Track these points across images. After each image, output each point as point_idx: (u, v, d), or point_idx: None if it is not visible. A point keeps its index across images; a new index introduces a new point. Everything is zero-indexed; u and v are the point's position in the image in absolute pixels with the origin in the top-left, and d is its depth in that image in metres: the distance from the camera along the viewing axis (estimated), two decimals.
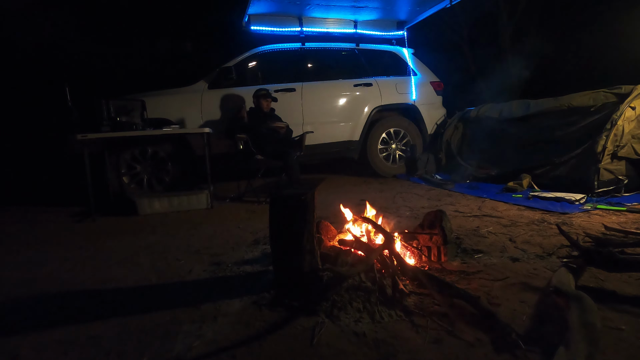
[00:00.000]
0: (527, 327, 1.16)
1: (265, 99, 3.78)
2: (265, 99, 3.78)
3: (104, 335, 1.27)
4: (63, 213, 3.47)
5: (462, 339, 1.12)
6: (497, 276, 1.55)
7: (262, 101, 3.77)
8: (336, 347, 1.12)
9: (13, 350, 1.21)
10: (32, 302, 1.58)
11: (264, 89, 3.84)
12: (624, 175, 2.96)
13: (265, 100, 3.78)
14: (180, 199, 3.34)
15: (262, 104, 3.78)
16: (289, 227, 1.42)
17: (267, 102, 3.81)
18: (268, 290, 1.50)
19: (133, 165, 3.70)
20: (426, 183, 4.20)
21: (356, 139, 4.62)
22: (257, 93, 3.79)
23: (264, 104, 3.78)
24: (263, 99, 3.77)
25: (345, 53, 4.83)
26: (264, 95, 3.77)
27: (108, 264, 2.01)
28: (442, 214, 1.78)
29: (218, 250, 2.14)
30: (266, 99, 3.79)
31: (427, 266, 1.66)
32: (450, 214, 2.54)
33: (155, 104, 3.82)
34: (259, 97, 3.77)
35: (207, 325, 1.29)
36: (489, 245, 1.98)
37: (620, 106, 2.99)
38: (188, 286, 1.67)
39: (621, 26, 6.11)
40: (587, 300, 1.12)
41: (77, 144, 3.07)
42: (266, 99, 3.79)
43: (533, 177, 3.46)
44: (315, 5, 4.38)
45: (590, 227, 2.18)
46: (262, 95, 3.77)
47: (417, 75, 4.98)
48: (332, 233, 1.91)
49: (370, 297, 1.34)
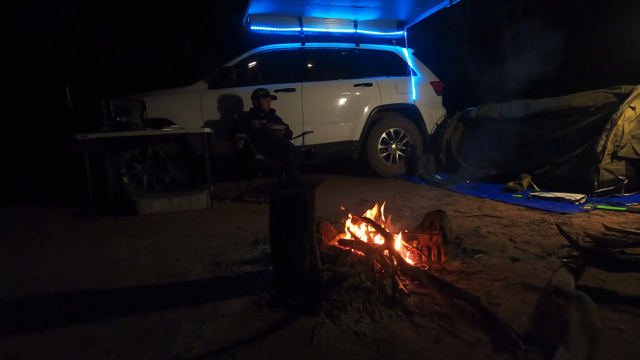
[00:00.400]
0: (527, 327, 1.16)
1: (264, 99, 3.78)
2: (265, 98, 3.78)
3: (104, 335, 1.27)
4: (63, 213, 3.47)
5: (462, 339, 1.12)
6: (497, 276, 1.55)
7: (262, 101, 3.77)
8: (336, 347, 1.12)
9: (13, 351, 1.21)
10: (32, 302, 1.58)
11: (262, 89, 3.84)
12: (624, 175, 2.96)
13: (264, 100, 3.78)
14: (180, 199, 3.34)
15: (262, 103, 3.77)
16: (289, 227, 1.42)
17: (267, 102, 3.80)
18: (268, 290, 1.50)
19: (133, 165, 3.70)
20: (426, 183, 4.20)
21: (356, 139, 4.62)
22: (256, 94, 3.79)
23: (264, 104, 3.78)
24: (262, 98, 3.77)
25: (345, 53, 4.84)
26: (263, 95, 3.77)
27: (108, 264, 2.01)
28: (442, 214, 1.78)
29: (218, 250, 2.14)
30: (265, 98, 3.79)
31: (427, 266, 1.66)
32: (450, 214, 2.54)
33: (155, 104, 3.82)
34: (259, 97, 3.77)
35: (207, 325, 1.29)
36: (489, 245, 1.98)
37: (620, 106, 2.99)
38: (188, 286, 1.67)
39: (621, 26, 6.12)
40: (587, 300, 1.12)
41: (77, 143, 3.07)
42: (265, 98, 3.79)
43: (533, 177, 3.46)
44: (315, 5, 4.39)
45: (590, 227, 2.18)
46: (261, 95, 3.77)
47: (417, 75, 4.98)
48: (332, 233, 1.91)
49: (370, 297, 1.33)
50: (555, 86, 4.86)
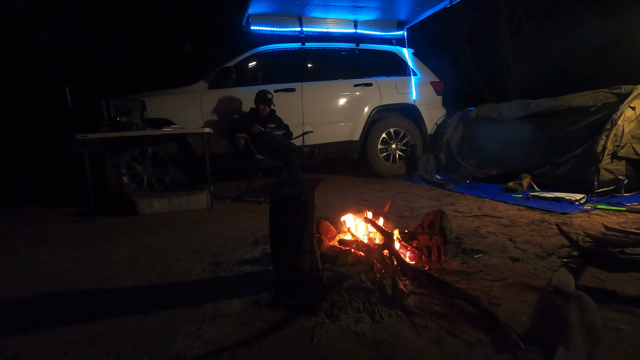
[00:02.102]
0: (527, 327, 1.16)
1: (262, 104, 3.75)
2: (263, 104, 3.76)
3: (104, 335, 1.27)
4: (63, 213, 3.46)
5: (462, 339, 1.12)
6: (497, 276, 1.55)
7: (259, 105, 3.76)
8: (336, 347, 1.12)
9: (13, 350, 1.21)
10: (32, 302, 1.58)
11: (266, 92, 3.79)
12: (624, 175, 2.96)
13: (262, 105, 3.76)
14: (180, 199, 3.34)
15: (259, 108, 3.77)
16: (289, 227, 1.42)
17: (264, 108, 3.78)
18: (268, 290, 1.49)
19: (133, 165, 3.70)
20: (426, 183, 4.20)
21: (356, 139, 4.62)
22: (259, 95, 3.77)
23: (261, 108, 3.77)
24: (261, 103, 3.75)
25: (345, 53, 4.83)
26: (261, 100, 3.74)
27: (108, 264, 2.01)
28: (442, 214, 1.78)
29: (218, 250, 2.14)
30: (264, 104, 3.76)
31: (427, 266, 1.66)
32: (450, 214, 2.54)
33: (155, 104, 3.82)
34: (258, 101, 3.76)
35: (207, 325, 1.29)
36: (489, 245, 1.98)
37: (620, 106, 2.99)
38: (188, 286, 1.67)
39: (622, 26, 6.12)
40: (587, 300, 1.12)
41: (77, 144, 3.07)
42: (264, 104, 3.76)
43: (533, 177, 3.46)
44: (315, 5, 4.38)
45: (590, 227, 2.18)
46: (260, 99, 3.75)
47: (417, 75, 4.97)
48: (332, 233, 1.91)
49: (370, 297, 1.33)
50: (555, 86, 4.87)
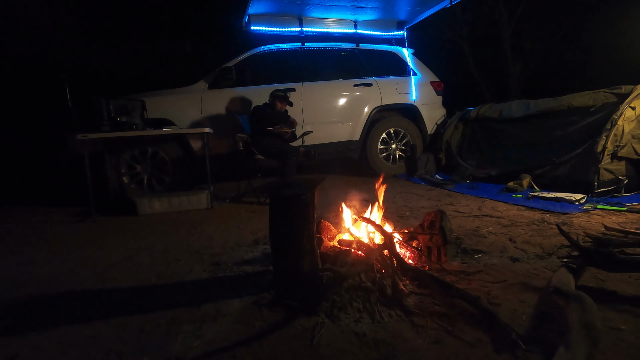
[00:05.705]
0: (527, 327, 1.16)
1: (281, 101, 3.74)
2: (282, 101, 3.74)
3: (104, 335, 1.27)
4: (63, 213, 3.46)
5: (462, 339, 1.12)
6: (497, 276, 1.55)
7: (277, 102, 3.74)
8: (336, 347, 1.12)
9: (13, 350, 1.21)
10: (32, 302, 1.58)
11: (282, 90, 3.79)
12: (624, 175, 2.96)
13: (280, 103, 3.75)
14: (180, 199, 3.34)
15: (277, 104, 3.75)
16: (289, 227, 1.42)
17: (282, 105, 3.77)
18: (268, 290, 1.49)
19: (133, 165, 3.70)
20: (426, 183, 4.20)
21: (356, 139, 4.62)
22: (275, 93, 3.75)
23: (279, 105, 3.76)
24: (279, 100, 3.74)
25: (345, 53, 4.83)
26: (280, 97, 3.73)
27: (108, 264, 2.01)
28: (442, 214, 1.78)
29: (218, 250, 2.14)
30: (282, 102, 3.75)
31: (427, 266, 1.66)
32: (450, 214, 2.54)
33: (155, 104, 3.82)
34: (275, 97, 3.74)
35: (207, 325, 1.29)
36: (489, 245, 1.98)
37: (620, 106, 2.99)
38: (188, 286, 1.67)
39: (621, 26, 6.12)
40: (587, 300, 1.12)
41: (77, 143, 3.07)
42: (282, 101, 3.75)
43: (533, 177, 3.46)
44: (315, 5, 4.38)
45: (590, 227, 2.18)
46: (278, 96, 3.73)
47: (417, 75, 4.98)
48: (332, 233, 1.91)
49: (370, 297, 1.33)
50: (555, 86, 4.87)
